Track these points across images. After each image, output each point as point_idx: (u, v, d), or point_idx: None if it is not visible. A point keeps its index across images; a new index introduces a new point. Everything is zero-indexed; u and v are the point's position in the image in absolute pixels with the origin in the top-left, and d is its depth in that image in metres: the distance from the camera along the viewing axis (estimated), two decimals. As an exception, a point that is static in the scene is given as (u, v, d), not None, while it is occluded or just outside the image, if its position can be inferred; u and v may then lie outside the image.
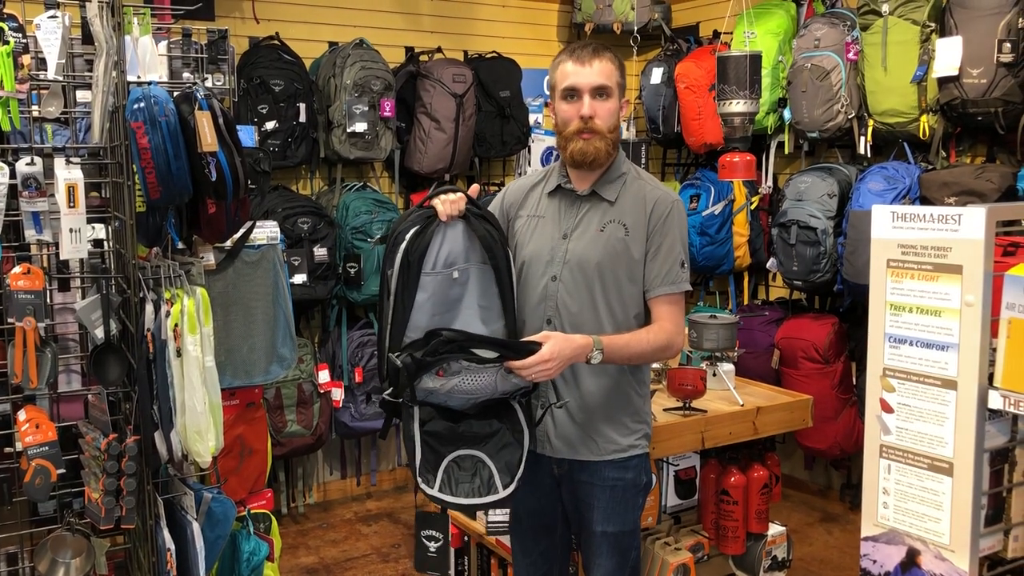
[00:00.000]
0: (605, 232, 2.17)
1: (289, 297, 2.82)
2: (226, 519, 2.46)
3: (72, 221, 2.27)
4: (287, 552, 4.11)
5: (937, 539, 1.79)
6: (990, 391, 1.71)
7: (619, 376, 2.23)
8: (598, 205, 2.21)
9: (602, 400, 2.22)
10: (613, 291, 2.18)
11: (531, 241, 2.25)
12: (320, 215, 4.24)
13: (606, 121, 2.14)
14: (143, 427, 2.26)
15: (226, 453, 2.71)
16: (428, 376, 1.96)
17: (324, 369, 4.38)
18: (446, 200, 2.07)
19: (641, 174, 2.26)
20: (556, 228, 2.23)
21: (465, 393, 2.00)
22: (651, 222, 2.17)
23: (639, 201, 2.19)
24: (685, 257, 2.20)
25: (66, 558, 2.31)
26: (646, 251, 2.17)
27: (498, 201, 2.37)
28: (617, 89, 2.16)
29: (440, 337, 1.95)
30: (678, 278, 2.18)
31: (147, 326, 2.24)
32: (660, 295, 2.17)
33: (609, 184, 2.21)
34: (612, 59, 2.17)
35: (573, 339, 2.02)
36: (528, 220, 2.28)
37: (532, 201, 2.30)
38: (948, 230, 1.74)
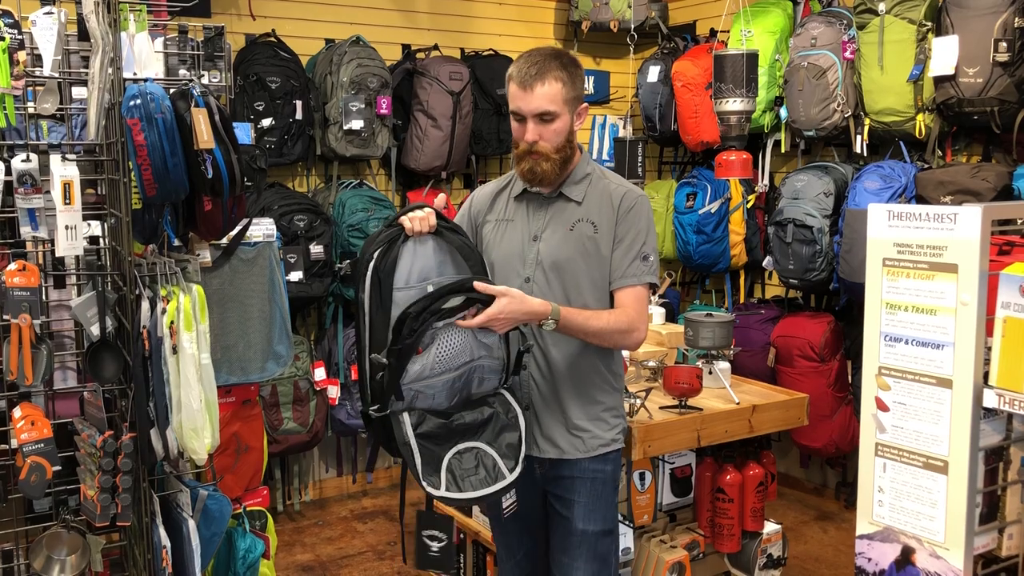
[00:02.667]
0: (575, 231, 2.21)
1: (285, 294, 2.82)
2: (222, 516, 2.46)
3: (68, 218, 2.27)
4: (283, 549, 4.11)
5: (932, 537, 1.79)
6: (985, 390, 1.71)
7: (595, 372, 2.28)
8: (565, 206, 2.24)
9: (585, 398, 2.27)
10: (587, 289, 2.21)
11: (501, 244, 2.28)
12: (316, 212, 4.23)
13: (552, 142, 2.16)
14: (139, 424, 2.26)
15: (222, 450, 2.71)
16: (412, 363, 1.99)
17: (320, 367, 4.37)
18: (414, 217, 2.08)
19: (606, 174, 2.29)
20: (526, 230, 2.26)
21: (448, 362, 2.02)
22: (617, 217, 2.20)
23: (605, 198, 2.22)
24: (652, 251, 2.23)
25: (62, 555, 2.30)
26: (611, 246, 2.21)
27: (465, 209, 2.40)
28: (565, 107, 2.15)
29: (407, 316, 1.97)
30: (640, 271, 2.20)
31: (143, 323, 2.24)
32: (622, 286, 2.21)
33: (574, 185, 2.24)
34: (559, 77, 2.14)
35: (528, 302, 2.06)
36: (497, 224, 2.31)
37: (499, 206, 2.34)
38: (944, 229, 1.74)
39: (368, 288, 2.04)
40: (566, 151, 2.19)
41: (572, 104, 2.18)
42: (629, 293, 2.21)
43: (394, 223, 2.09)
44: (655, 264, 2.25)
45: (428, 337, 1.99)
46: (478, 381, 2.13)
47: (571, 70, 2.18)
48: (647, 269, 2.22)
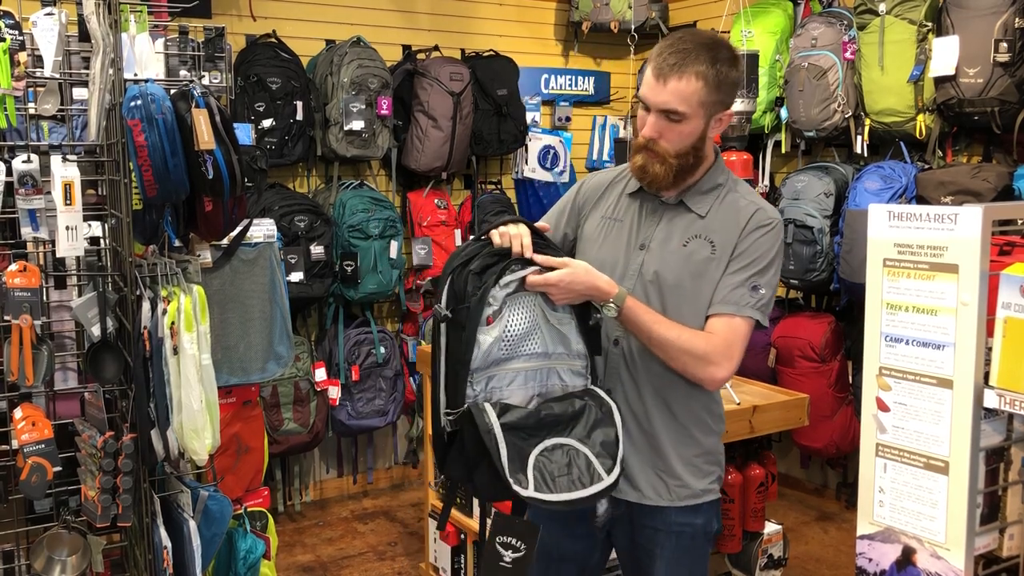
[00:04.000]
0: (688, 248, 1.90)
1: (286, 295, 2.82)
2: (222, 517, 2.46)
3: (68, 219, 2.27)
4: (283, 550, 4.11)
5: (932, 537, 1.79)
6: (986, 390, 1.71)
7: (691, 408, 1.97)
8: (684, 216, 1.93)
9: (674, 436, 1.96)
10: (690, 316, 1.89)
11: (602, 246, 1.99)
12: (317, 213, 4.23)
13: (673, 144, 1.85)
14: (139, 425, 2.26)
15: (222, 451, 2.71)
16: (480, 330, 1.76)
17: (321, 367, 4.37)
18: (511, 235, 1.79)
19: (740, 187, 1.97)
20: (633, 236, 1.97)
21: (521, 343, 1.80)
22: (740, 236, 1.89)
23: (732, 215, 1.91)
24: (767, 285, 1.88)
25: (62, 556, 2.30)
26: (726, 267, 1.89)
27: (569, 197, 2.13)
28: (700, 110, 1.83)
29: (469, 273, 1.78)
30: (743, 299, 1.86)
31: (144, 324, 2.24)
32: (717, 313, 1.87)
33: (701, 195, 1.94)
34: (702, 74, 1.81)
35: (594, 275, 1.81)
36: (602, 222, 2.03)
37: (610, 200, 2.05)
38: (944, 229, 1.74)
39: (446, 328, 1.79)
40: (688, 159, 1.88)
41: (711, 108, 1.85)
42: (722, 322, 1.86)
43: (485, 238, 1.84)
44: (766, 300, 1.88)
45: (497, 301, 1.77)
46: (558, 384, 1.86)
47: (722, 68, 1.83)
48: (754, 301, 1.86)
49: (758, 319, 1.87)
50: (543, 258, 1.78)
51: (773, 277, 1.89)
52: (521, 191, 5.13)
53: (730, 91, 1.87)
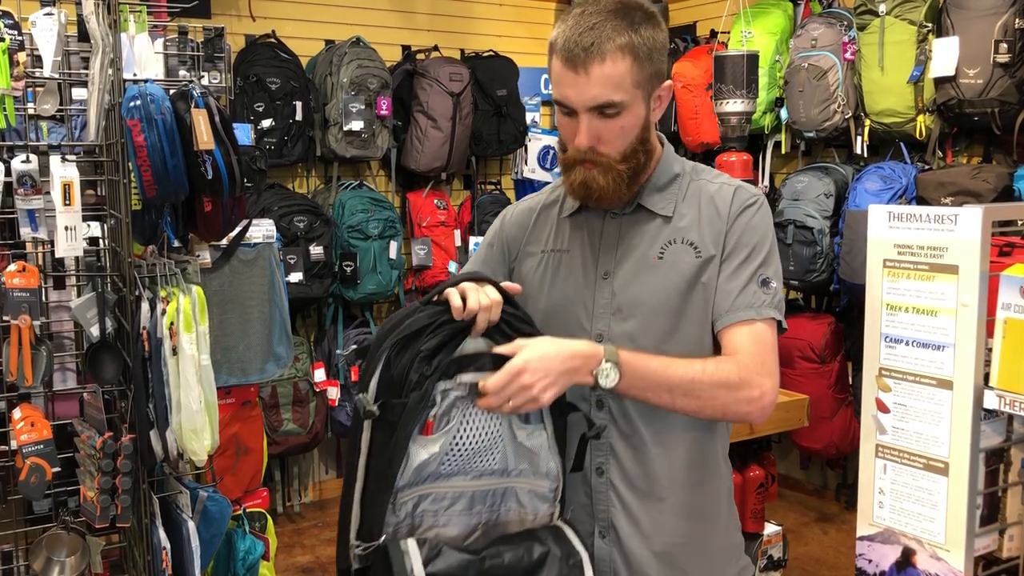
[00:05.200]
0: (666, 259, 1.50)
1: (285, 295, 2.82)
2: (222, 518, 2.46)
3: (68, 219, 2.27)
4: (283, 551, 4.10)
5: (932, 539, 1.79)
6: (986, 391, 1.71)
7: (720, 479, 1.58)
8: (647, 223, 1.53)
9: (700, 525, 1.54)
10: (692, 343, 1.49)
11: (554, 287, 1.57)
12: (316, 214, 4.23)
13: (617, 146, 1.45)
14: (138, 425, 2.25)
15: (222, 452, 2.70)
16: (415, 440, 1.32)
17: (320, 368, 4.37)
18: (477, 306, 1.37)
19: (702, 171, 1.59)
20: (590, 264, 1.55)
21: (471, 459, 1.37)
22: (728, 226, 1.51)
23: (707, 203, 1.53)
24: (775, 275, 1.50)
25: (61, 556, 2.30)
26: (719, 269, 1.50)
27: (491, 236, 1.70)
28: (638, 92, 1.43)
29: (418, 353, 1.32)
30: (756, 299, 1.47)
31: (143, 324, 2.24)
32: (731, 323, 1.47)
33: (658, 192, 1.54)
34: (624, 47, 1.40)
35: (565, 343, 1.38)
36: (545, 257, 1.60)
37: (545, 230, 1.63)
38: (944, 230, 1.74)
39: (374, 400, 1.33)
40: (638, 157, 1.48)
41: (647, 86, 1.45)
42: (742, 333, 1.46)
43: (438, 300, 1.38)
44: (779, 295, 1.50)
45: (443, 403, 1.33)
46: (515, 510, 1.43)
47: (645, 32, 1.42)
48: (768, 298, 1.47)
49: (779, 319, 1.49)
50: (501, 348, 1.35)
51: (776, 261, 1.54)
52: (521, 192, 5.13)
53: (661, 57, 1.48)
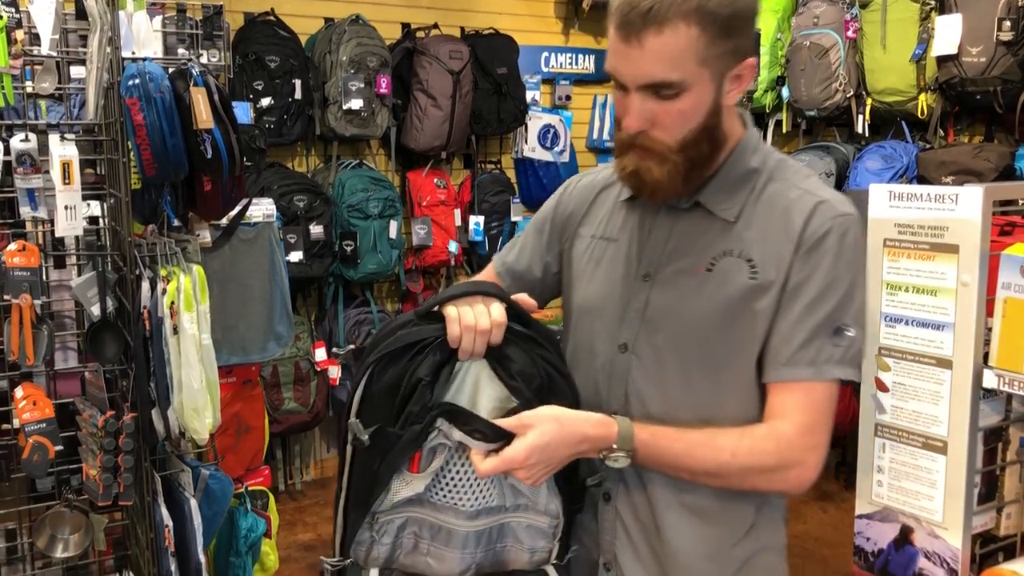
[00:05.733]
0: (716, 272, 1.27)
1: (285, 275, 2.82)
2: (224, 496, 2.47)
3: (67, 198, 2.26)
4: (284, 528, 4.13)
5: (930, 517, 1.80)
6: (985, 370, 1.71)
7: (746, 525, 1.34)
8: (704, 225, 1.30)
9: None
10: (729, 380, 1.28)
11: (591, 281, 1.40)
12: (316, 193, 4.22)
13: (674, 133, 1.22)
14: (140, 404, 2.26)
15: (223, 430, 2.71)
16: (399, 477, 1.19)
17: (321, 347, 4.38)
18: (475, 328, 1.19)
19: (786, 169, 1.31)
20: (632, 261, 1.35)
21: (462, 491, 1.22)
22: (797, 250, 1.24)
23: (779, 216, 1.26)
24: (852, 318, 1.24)
25: (64, 534, 2.32)
26: (778, 301, 1.25)
27: (550, 207, 1.52)
28: (702, 72, 1.18)
29: (412, 375, 1.18)
30: (823, 353, 1.22)
31: (143, 303, 2.24)
32: (783, 380, 1.24)
33: (724, 191, 1.29)
34: (690, 14, 1.15)
35: (572, 426, 1.19)
36: (593, 244, 1.42)
37: (601, 211, 1.44)
38: (945, 210, 1.74)
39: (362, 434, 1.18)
40: (701, 147, 1.24)
41: (719, 64, 1.19)
42: (794, 396, 1.24)
43: (434, 314, 1.22)
44: (858, 344, 1.25)
45: (431, 444, 1.18)
46: (511, 547, 1.28)
47: (707, 12, 1.16)
48: (839, 353, 1.23)
49: (850, 378, 1.24)
50: (495, 421, 1.17)
51: (860, 305, 1.25)
52: (521, 171, 5.12)
53: (744, 29, 1.21)
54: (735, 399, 1.29)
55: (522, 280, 1.52)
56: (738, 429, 1.25)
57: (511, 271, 1.54)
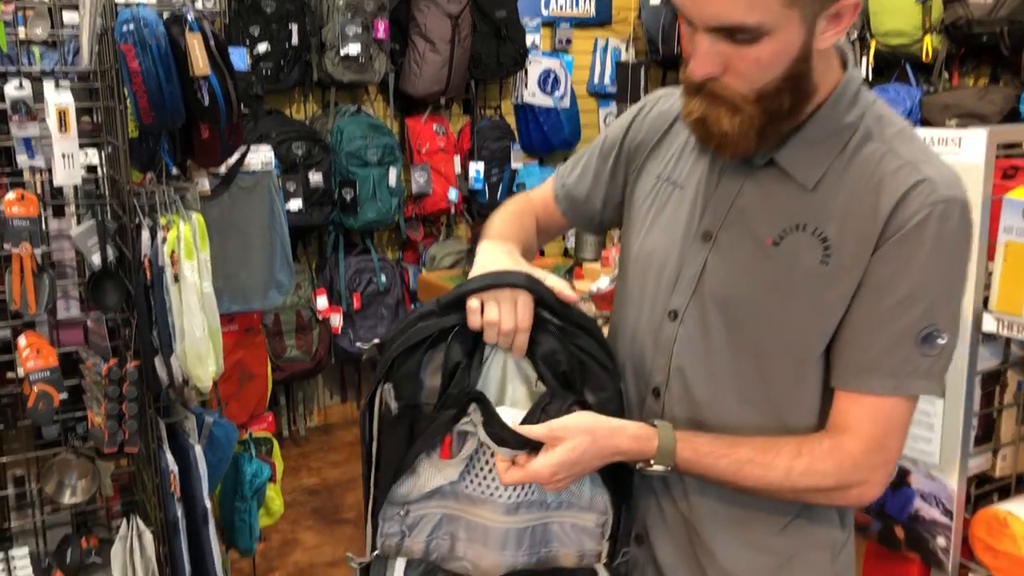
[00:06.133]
0: (782, 248, 1.09)
1: (285, 223, 2.82)
2: (228, 442, 2.50)
3: (64, 146, 2.25)
4: (289, 474, 4.18)
5: (927, 459, 1.82)
6: (984, 314, 1.71)
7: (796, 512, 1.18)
8: (778, 188, 1.11)
9: (754, 558, 1.19)
10: (781, 364, 1.12)
11: (651, 231, 1.24)
12: (315, 140, 4.19)
13: (750, 80, 1.03)
14: (143, 352, 2.27)
15: (226, 378, 2.73)
16: (425, 457, 1.11)
17: (322, 295, 4.39)
18: (498, 326, 1.09)
19: (885, 127, 1.09)
20: (696, 216, 1.18)
21: (496, 488, 1.11)
22: (882, 236, 1.05)
23: (868, 189, 1.06)
24: (947, 322, 1.06)
25: (72, 480, 2.35)
26: (855, 293, 1.07)
27: (620, 128, 1.33)
28: (788, 13, 0.98)
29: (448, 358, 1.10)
30: (907, 366, 1.06)
31: (144, 252, 2.24)
32: (855, 390, 1.09)
33: (807, 151, 1.09)
34: None
35: (606, 437, 1.07)
36: (658, 186, 1.25)
37: (673, 146, 1.25)
38: (948, 153, 1.72)
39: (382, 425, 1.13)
40: (782, 99, 1.04)
41: (811, 3, 0.99)
42: (865, 408, 1.08)
43: (458, 304, 1.11)
44: (947, 353, 1.08)
45: (461, 427, 1.09)
46: (557, 550, 1.17)
47: None
48: (928, 364, 1.07)
49: (933, 394, 1.12)
50: (522, 428, 1.06)
51: (956, 307, 1.08)
52: (521, 117, 5.08)
53: None
54: (788, 394, 1.13)
55: (580, 209, 1.39)
56: (796, 442, 1.10)
57: (569, 196, 1.39)
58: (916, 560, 1.87)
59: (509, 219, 1.36)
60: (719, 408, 1.15)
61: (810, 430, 1.13)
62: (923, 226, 1.03)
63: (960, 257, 1.07)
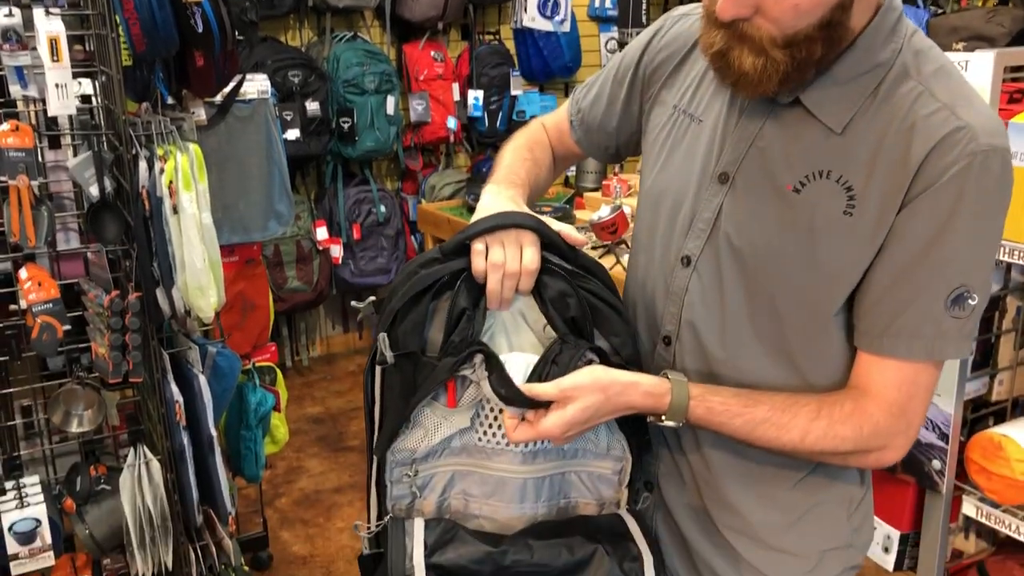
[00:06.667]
0: (804, 195, 1.02)
1: (283, 153, 2.79)
2: (232, 372, 2.52)
3: (57, 76, 2.21)
4: (293, 403, 4.23)
5: (925, 384, 1.84)
6: (986, 240, 1.71)
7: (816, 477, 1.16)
8: (802, 130, 1.03)
9: (775, 507, 1.16)
10: (796, 316, 1.07)
11: (666, 167, 1.17)
12: (311, 68, 4.13)
13: (783, 24, 0.95)
14: (144, 284, 2.28)
15: (228, 309, 2.74)
16: (430, 408, 1.07)
17: (322, 226, 4.38)
18: (503, 268, 1.04)
19: (923, 64, 1.01)
20: (713, 154, 1.11)
21: (502, 444, 1.08)
22: (915, 188, 0.97)
23: (900, 134, 0.98)
24: (980, 282, 1.00)
25: (79, 410, 2.37)
26: (880, 248, 1.00)
27: (639, 49, 1.25)
28: None
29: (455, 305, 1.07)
30: (934, 328, 1.00)
31: (142, 183, 2.22)
32: (878, 353, 1.04)
33: (835, 91, 1.01)
34: None
35: (618, 395, 1.03)
36: (674, 117, 1.18)
37: (692, 73, 1.18)
38: (954, 76, 1.70)
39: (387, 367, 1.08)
40: (813, 47, 0.96)
41: None
42: (888, 371, 1.03)
43: (462, 249, 1.08)
44: (976, 315, 1.02)
45: (463, 372, 1.04)
46: (575, 499, 1.14)
47: None
48: (958, 327, 1.00)
49: (962, 356, 1.05)
50: (532, 387, 1.02)
51: (989, 266, 1.01)
52: (520, 42, 4.98)
53: None
54: (808, 351, 1.08)
55: (594, 137, 1.33)
56: (816, 403, 1.04)
57: (584, 122, 1.34)
58: (912, 483, 1.90)
59: (520, 154, 1.31)
60: (733, 362, 1.10)
61: (836, 387, 1.08)
62: (960, 179, 0.94)
63: (999, 213, 0.98)
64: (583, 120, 1.34)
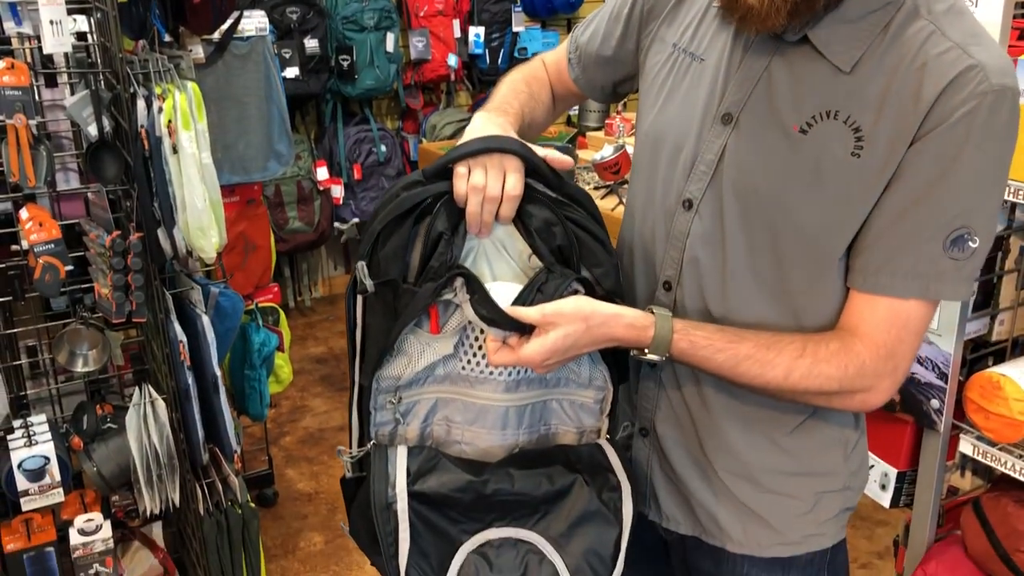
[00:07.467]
0: (810, 137, 1.00)
1: (282, 92, 2.77)
2: (235, 312, 2.53)
3: (51, 12, 2.17)
4: (296, 343, 4.26)
5: (925, 324, 1.84)
6: (991, 180, 1.70)
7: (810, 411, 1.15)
8: (810, 69, 1.01)
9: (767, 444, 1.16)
10: (799, 257, 1.05)
11: (666, 108, 1.15)
12: (309, 4, 4.07)
13: None
14: (145, 224, 2.27)
15: (230, 249, 2.75)
16: (412, 335, 1.07)
17: (323, 166, 4.36)
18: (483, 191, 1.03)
19: (934, 6, 0.99)
20: (716, 93, 1.08)
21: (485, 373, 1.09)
22: (924, 127, 0.95)
23: (909, 74, 0.96)
24: (982, 223, 0.98)
25: (83, 350, 2.39)
26: (886, 187, 0.99)
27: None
28: None
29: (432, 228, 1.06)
30: (933, 267, 0.99)
31: (140, 122, 2.21)
32: (871, 291, 1.03)
33: (844, 28, 0.99)
34: None
35: (602, 326, 1.02)
36: (674, 57, 1.15)
37: (692, 10, 1.15)
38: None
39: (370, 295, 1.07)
40: None
41: None
42: (879, 309, 1.02)
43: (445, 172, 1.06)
44: (980, 259, 1.00)
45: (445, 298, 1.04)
46: (556, 427, 1.15)
47: None
48: (956, 268, 0.99)
49: (961, 299, 1.08)
50: (516, 310, 1.01)
51: (994, 208, 1.00)
52: (522, -22, 4.90)
53: None
54: (808, 296, 1.07)
55: (591, 76, 1.31)
56: (801, 341, 1.03)
57: (581, 60, 1.32)
58: (910, 422, 1.92)
59: (516, 87, 1.29)
60: (734, 307, 1.10)
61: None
62: (969, 118, 0.93)
63: (1006, 155, 0.97)
64: (581, 58, 1.32)
